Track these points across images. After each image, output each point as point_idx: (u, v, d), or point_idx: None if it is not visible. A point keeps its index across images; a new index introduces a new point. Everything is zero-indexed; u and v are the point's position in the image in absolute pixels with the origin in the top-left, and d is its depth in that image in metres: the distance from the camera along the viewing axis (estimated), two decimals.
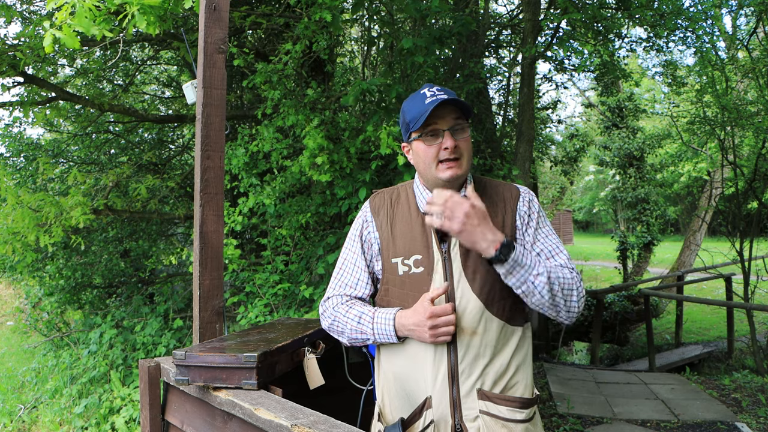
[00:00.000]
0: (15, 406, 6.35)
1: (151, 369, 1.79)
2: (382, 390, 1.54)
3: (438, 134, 1.41)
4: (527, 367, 1.48)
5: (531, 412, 1.45)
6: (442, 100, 1.36)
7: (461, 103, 1.41)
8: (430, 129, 1.41)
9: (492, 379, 1.40)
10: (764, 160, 8.12)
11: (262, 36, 7.11)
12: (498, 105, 9.18)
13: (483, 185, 1.54)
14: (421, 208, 1.48)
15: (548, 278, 1.36)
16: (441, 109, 1.39)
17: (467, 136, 1.44)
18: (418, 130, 1.42)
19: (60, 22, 2.49)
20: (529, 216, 1.49)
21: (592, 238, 33.24)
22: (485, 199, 1.49)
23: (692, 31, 7.16)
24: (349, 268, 1.56)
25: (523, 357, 1.47)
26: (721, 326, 9.41)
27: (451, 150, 1.39)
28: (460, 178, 1.43)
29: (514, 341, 1.44)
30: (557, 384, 5.92)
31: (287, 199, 4.92)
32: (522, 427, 1.41)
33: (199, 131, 2.00)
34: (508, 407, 1.40)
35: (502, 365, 1.41)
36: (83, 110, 6.94)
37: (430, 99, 1.38)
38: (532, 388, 1.48)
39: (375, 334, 1.43)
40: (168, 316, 6.11)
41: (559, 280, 1.38)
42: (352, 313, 1.48)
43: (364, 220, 1.57)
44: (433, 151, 1.41)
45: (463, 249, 1.42)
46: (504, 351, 1.42)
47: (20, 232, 4.48)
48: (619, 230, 14.45)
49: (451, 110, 1.41)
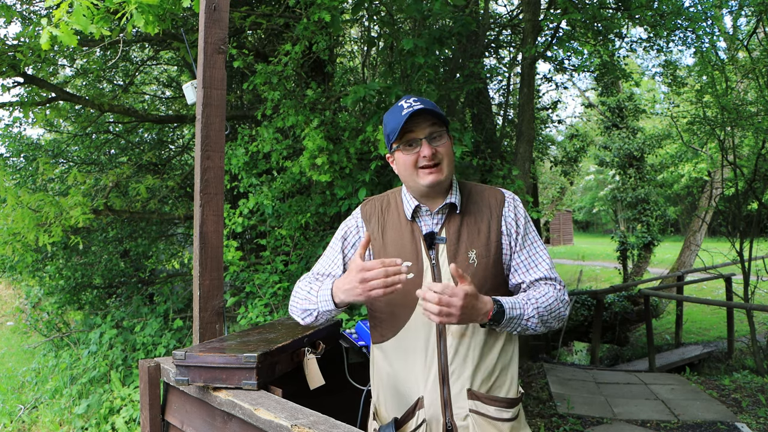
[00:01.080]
0: (15, 406, 6.35)
1: (151, 369, 1.79)
2: (377, 389, 1.58)
3: (416, 143, 1.45)
4: (513, 367, 1.52)
5: (516, 411, 1.50)
6: (416, 110, 1.41)
7: (436, 112, 1.45)
8: (408, 138, 1.45)
9: (480, 379, 1.45)
10: (764, 160, 8.13)
11: (262, 36, 7.11)
12: (498, 105, 9.19)
13: (468, 191, 1.56)
14: (408, 216, 1.52)
15: (538, 315, 1.43)
16: (416, 118, 1.43)
17: (446, 142, 1.47)
18: (397, 141, 1.47)
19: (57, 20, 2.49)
20: (516, 223, 1.53)
21: (592, 238, 33.24)
22: (471, 206, 1.53)
23: (692, 31, 7.16)
24: (327, 263, 1.63)
25: (509, 358, 1.51)
26: (721, 326, 9.40)
27: (429, 157, 1.43)
28: (441, 183, 1.46)
29: (500, 343, 1.49)
30: (557, 384, 5.92)
31: (287, 199, 4.92)
32: (509, 426, 1.46)
33: (199, 131, 2.00)
34: (495, 407, 1.45)
35: (489, 366, 1.46)
36: (83, 110, 6.94)
37: (406, 110, 1.43)
38: (517, 388, 1.52)
39: (318, 302, 1.50)
40: (168, 316, 6.10)
41: (547, 308, 1.44)
42: (306, 288, 1.56)
43: (355, 225, 1.62)
44: (412, 159, 1.45)
45: (450, 255, 1.46)
46: (491, 352, 1.47)
47: (20, 233, 4.48)
48: (619, 230, 14.44)
49: (427, 118, 1.45)
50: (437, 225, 1.51)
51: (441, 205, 1.50)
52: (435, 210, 1.50)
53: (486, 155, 5.39)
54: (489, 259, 1.47)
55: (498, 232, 1.50)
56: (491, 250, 1.48)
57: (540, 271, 1.51)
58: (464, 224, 1.50)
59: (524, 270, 1.51)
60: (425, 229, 1.50)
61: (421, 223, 1.52)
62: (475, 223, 1.50)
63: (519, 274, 1.52)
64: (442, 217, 1.51)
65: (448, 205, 1.51)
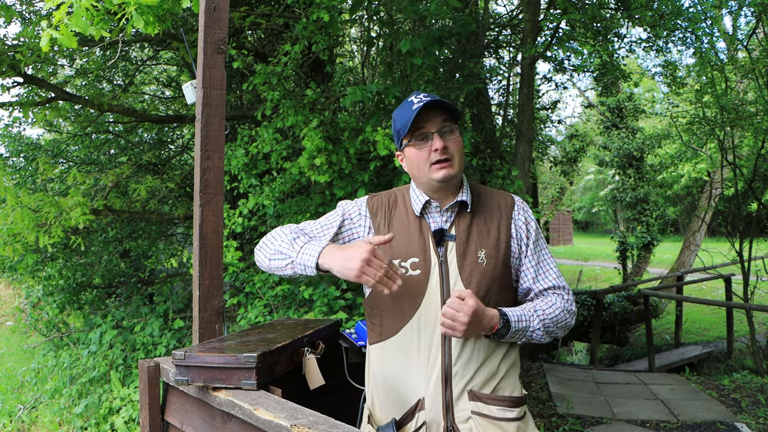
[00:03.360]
0: (14, 406, 6.35)
1: (150, 369, 1.79)
2: (372, 392, 1.55)
3: (427, 137, 1.43)
4: (516, 367, 1.52)
5: (522, 411, 1.48)
6: (427, 102, 1.39)
7: (447, 106, 1.44)
8: (419, 133, 1.43)
9: (483, 380, 1.43)
10: (763, 160, 8.13)
11: (261, 36, 7.11)
12: (498, 105, 9.18)
13: (478, 192, 1.55)
14: (417, 212, 1.50)
15: (543, 327, 1.44)
16: (427, 112, 1.42)
17: (457, 137, 1.45)
18: (408, 136, 1.45)
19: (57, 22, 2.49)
20: (526, 228, 1.52)
21: (592, 238, 33.24)
22: (481, 206, 1.51)
23: (692, 31, 7.16)
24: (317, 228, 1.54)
25: (513, 358, 1.50)
26: (721, 326, 9.41)
27: (440, 151, 1.41)
28: (453, 178, 1.45)
29: (505, 343, 1.47)
30: (557, 384, 5.92)
31: (287, 199, 4.93)
32: (514, 426, 1.43)
33: (199, 131, 2.01)
34: (498, 407, 1.42)
35: (494, 367, 1.44)
36: (83, 110, 6.94)
37: (417, 104, 1.41)
38: (520, 388, 1.51)
39: (300, 253, 1.37)
40: (168, 316, 6.10)
41: (554, 320, 1.45)
42: (291, 236, 1.44)
43: (357, 213, 1.55)
44: (424, 154, 1.43)
45: (459, 253, 1.44)
46: (496, 352, 1.45)
47: (20, 233, 4.47)
48: (618, 230, 14.44)
49: (438, 113, 1.43)
50: (447, 222, 1.49)
51: (452, 202, 1.48)
52: (445, 207, 1.49)
53: (486, 155, 5.39)
54: (498, 260, 1.46)
55: (507, 234, 1.49)
56: (500, 251, 1.46)
57: (549, 280, 1.51)
58: (474, 223, 1.48)
59: (533, 277, 1.51)
60: (434, 226, 1.48)
61: (430, 219, 1.50)
62: (485, 223, 1.48)
63: (527, 280, 1.51)
64: (452, 215, 1.49)
65: (458, 202, 1.49)
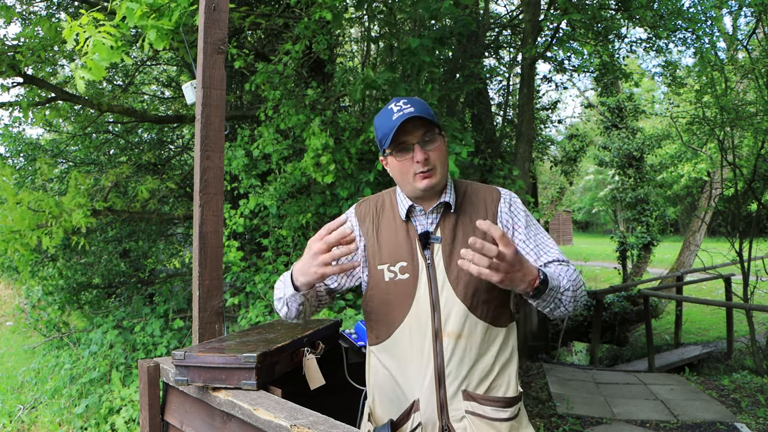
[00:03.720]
0: (14, 406, 6.35)
1: (150, 369, 1.79)
2: (373, 391, 1.56)
3: (408, 148, 1.43)
4: (512, 366, 1.50)
5: (516, 410, 1.47)
6: (407, 116, 1.38)
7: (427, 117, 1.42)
8: (400, 144, 1.43)
9: (477, 380, 1.42)
10: (763, 160, 8.13)
11: (261, 36, 7.11)
12: (498, 105, 9.19)
13: (464, 190, 1.55)
14: (403, 217, 1.50)
15: (572, 289, 1.34)
16: (408, 123, 1.40)
17: (439, 145, 1.45)
18: (389, 147, 1.45)
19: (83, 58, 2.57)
20: (512, 218, 1.51)
21: (592, 238, 33.24)
22: (467, 204, 1.51)
23: (692, 31, 7.17)
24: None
25: (507, 357, 1.49)
26: (721, 327, 9.41)
27: (422, 162, 1.41)
28: (436, 186, 1.45)
29: (498, 342, 1.47)
30: (557, 384, 5.92)
31: (288, 199, 4.92)
32: (507, 426, 1.44)
33: (199, 131, 2.01)
34: (492, 407, 1.42)
35: (487, 366, 1.44)
36: (83, 110, 6.94)
37: (397, 115, 1.40)
38: (516, 386, 1.50)
39: (285, 288, 1.44)
40: (168, 316, 6.10)
41: (575, 282, 1.36)
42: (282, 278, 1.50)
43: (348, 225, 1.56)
44: (407, 165, 1.43)
45: (446, 255, 1.44)
46: (489, 352, 1.45)
47: (20, 232, 4.47)
48: (618, 231, 14.43)
49: (418, 124, 1.42)
50: (432, 224, 1.49)
51: (435, 204, 1.48)
52: (429, 210, 1.49)
53: (486, 155, 5.40)
54: None
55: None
56: None
57: (551, 255, 1.46)
58: (459, 223, 1.48)
59: (534, 259, 1.47)
60: (420, 229, 1.49)
61: (416, 222, 1.50)
62: (471, 221, 1.48)
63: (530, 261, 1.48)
64: (437, 217, 1.50)
65: (442, 204, 1.49)
